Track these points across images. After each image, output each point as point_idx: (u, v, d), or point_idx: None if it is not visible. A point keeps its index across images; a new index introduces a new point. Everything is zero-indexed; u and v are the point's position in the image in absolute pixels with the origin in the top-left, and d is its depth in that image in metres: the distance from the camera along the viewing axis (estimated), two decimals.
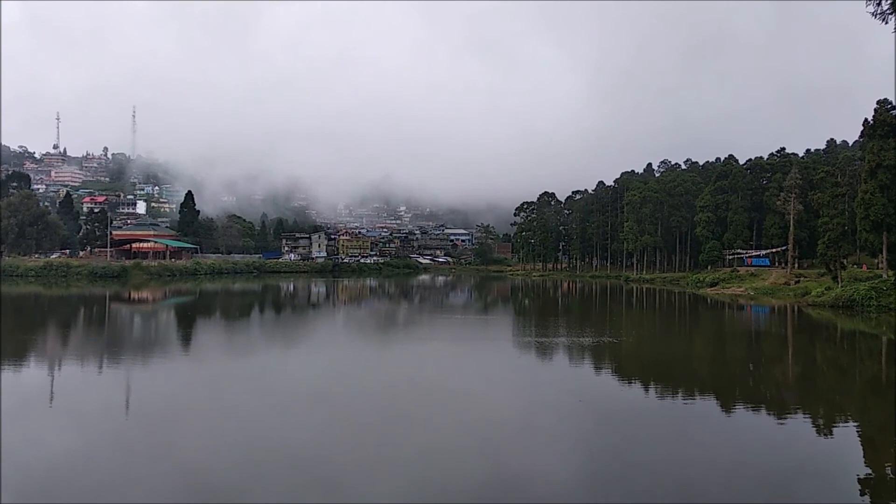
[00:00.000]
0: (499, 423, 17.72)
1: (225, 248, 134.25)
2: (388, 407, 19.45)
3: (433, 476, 13.47)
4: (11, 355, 28.96)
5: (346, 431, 16.70)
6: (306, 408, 19.44)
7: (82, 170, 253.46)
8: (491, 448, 15.43)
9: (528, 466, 14.10)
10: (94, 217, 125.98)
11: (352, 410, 18.97)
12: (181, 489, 12.60)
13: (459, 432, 16.72)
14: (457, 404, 20.01)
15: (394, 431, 16.71)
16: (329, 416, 18.30)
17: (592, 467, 14.25)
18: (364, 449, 15.19)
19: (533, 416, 18.61)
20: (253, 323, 45.91)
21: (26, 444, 15.27)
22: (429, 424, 17.55)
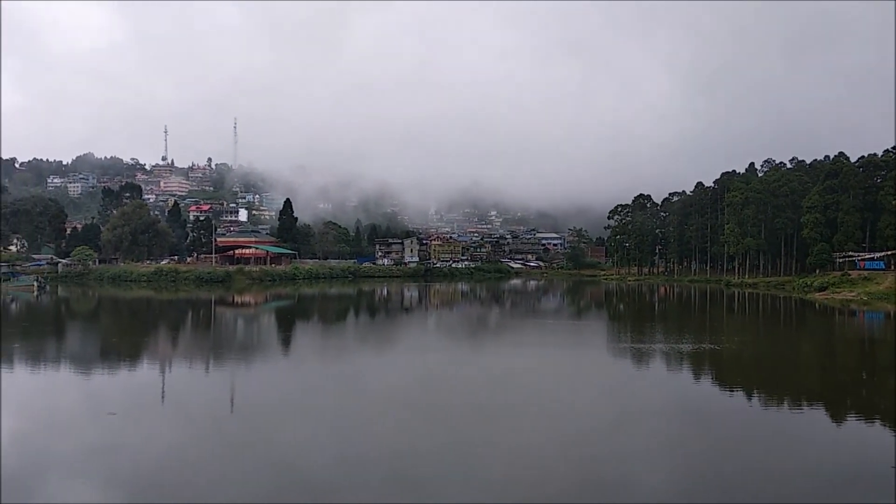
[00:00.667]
0: (592, 429, 17.35)
1: (322, 254, 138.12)
2: (479, 410, 19.41)
3: (524, 477, 13.33)
4: (127, 356, 30.84)
5: (437, 433, 16.79)
6: (399, 409, 19.67)
7: (188, 180, 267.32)
8: (583, 452, 15.13)
9: (621, 471, 13.73)
10: (200, 225, 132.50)
11: (443, 412, 19.06)
12: (278, 484, 13.05)
13: (551, 436, 16.49)
14: (549, 409, 19.74)
15: (484, 434, 16.67)
16: (421, 418, 18.45)
17: (688, 475, 13.72)
18: (455, 450, 15.23)
19: (627, 423, 18.11)
20: (349, 326, 46.98)
21: (140, 440, 16.21)
22: (520, 428, 17.38)
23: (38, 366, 27.44)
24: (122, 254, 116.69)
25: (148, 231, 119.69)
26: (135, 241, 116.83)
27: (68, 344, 35.72)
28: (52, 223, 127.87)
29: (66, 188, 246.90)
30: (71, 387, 23.18)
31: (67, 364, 28.34)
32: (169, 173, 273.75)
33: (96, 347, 35.22)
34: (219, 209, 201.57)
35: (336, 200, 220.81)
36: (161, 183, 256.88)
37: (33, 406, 20.04)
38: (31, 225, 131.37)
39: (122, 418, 18.23)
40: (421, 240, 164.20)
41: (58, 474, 13.66)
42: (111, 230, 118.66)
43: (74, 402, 20.50)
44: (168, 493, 12.56)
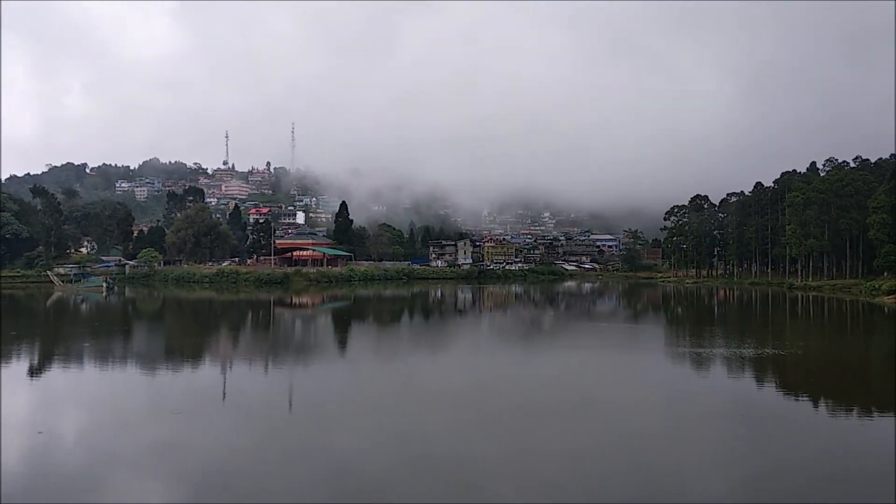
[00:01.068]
0: (650, 434, 17.08)
1: (376, 256, 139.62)
2: (535, 413, 19.35)
3: (582, 481, 13.25)
4: (190, 356, 31.85)
5: (492, 434, 16.82)
6: (454, 411, 19.77)
7: (248, 183, 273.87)
8: (641, 457, 14.91)
9: (679, 477, 13.50)
10: (259, 227, 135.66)
11: (498, 414, 19.06)
12: (334, 484, 13.30)
13: (608, 440, 16.33)
14: (605, 412, 19.55)
15: (541, 436, 16.62)
16: (476, 420, 18.49)
17: (747, 483, 13.36)
18: (511, 452, 15.24)
19: (686, 428, 17.78)
20: (404, 327, 47.39)
21: (202, 439, 16.74)
22: (577, 431, 17.26)
23: (106, 364, 28.59)
24: (186, 256, 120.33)
25: (210, 234, 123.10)
26: (198, 243, 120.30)
27: (134, 343, 37.07)
28: (120, 226, 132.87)
29: (133, 192, 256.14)
30: (137, 385, 24.07)
31: (134, 363, 29.42)
32: (230, 177, 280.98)
33: (161, 347, 36.46)
34: (277, 212, 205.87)
35: (389, 202, 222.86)
36: (222, 186, 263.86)
37: (101, 404, 20.89)
38: (101, 228, 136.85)
39: (186, 417, 18.85)
40: (474, 242, 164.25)
41: (124, 471, 14.23)
42: (175, 233, 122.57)
43: (140, 401, 21.28)
44: (228, 491, 12.94)
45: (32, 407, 20.41)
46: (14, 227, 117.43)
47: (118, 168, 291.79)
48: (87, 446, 15.87)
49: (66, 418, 18.89)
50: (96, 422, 18.37)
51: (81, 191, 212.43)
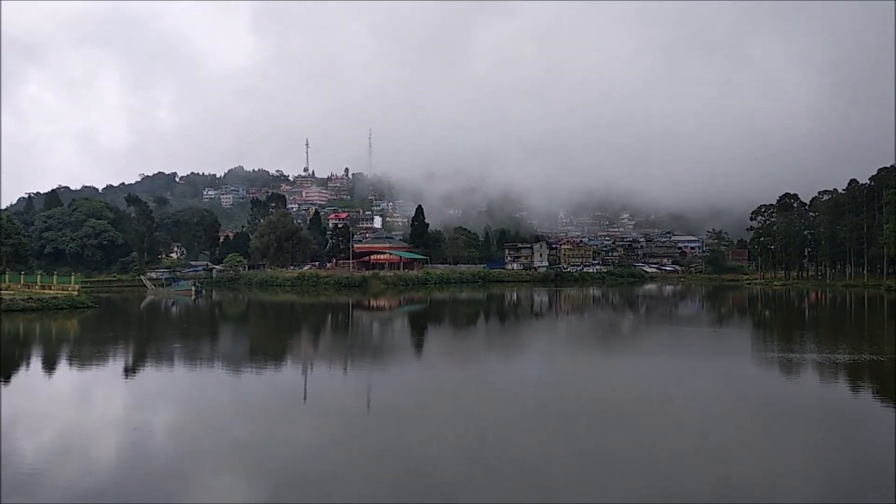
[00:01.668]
0: (729, 442, 16.46)
1: (452, 259, 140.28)
2: (612, 417, 18.99)
3: (660, 487, 12.88)
4: (273, 357, 32.84)
5: (568, 438, 16.59)
6: (526, 413, 19.62)
7: (327, 189, 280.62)
8: (718, 466, 14.38)
9: (762, 487, 12.92)
10: (338, 232, 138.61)
11: (571, 418, 18.81)
12: (407, 482, 13.50)
13: (686, 446, 15.83)
14: (683, 418, 18.95)
15: (617, 441, 16.28)
16: (552, 423, 18.30)
17: (834, 493, 12.67)
18: (586, 455, 15.01)
19: (772, 436, 17.00)
20: (479, 330, 47.40)
21: (283, 437, 17.22)
22: (655, 436, 16.79)
23: (194, 365, 29.80)
24: (269, 260, 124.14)
25: (291, 238, 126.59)
26: (280, 248, 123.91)
27: (221, 345, 38.49)
28: (208, 232, 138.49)
29: (219, 199, 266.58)
30: (224, 385, 24.99)
31: (220, 364, 30.55)
32: (310, 183, 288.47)
33: (246, 348, 37.74)
34: (355, 217, 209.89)
35: (464, 205, 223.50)
36: (303, 193, 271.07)
37: (190, 402, 21.78)
38: (190, 234, 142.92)
39: (268, 416, 19.45)
40: (550, 244, 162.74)
41: (209, 468, 14.78)
42: (259, 238, 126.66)
43: (226, 400, 22.08)
44: (307, 489, 13.26)
45: (128, 404, 21.47)
46: (110, 234, 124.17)
47: (205, 176, 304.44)
48: (177, 443, 16.57)
49: (158, 416, 19.79)
50: (185, 420, 19.17)
51: (171, 199, 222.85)
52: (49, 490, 12.85)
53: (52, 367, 29.05)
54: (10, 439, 16.87)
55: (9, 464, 14.53)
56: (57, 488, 13.02)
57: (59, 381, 26.25)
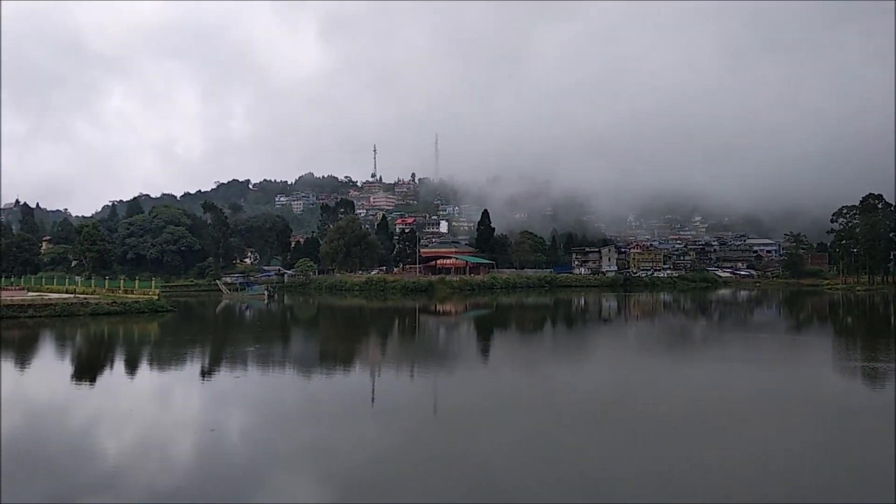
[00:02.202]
0: (804, 454, 15.81)
1: (518, 263, 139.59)
2: (674, 425, 18.54)
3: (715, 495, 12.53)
4: (342, 360, 33.44)
5: (632, 446, 16.30)
6: (591, 420, 19.37)
7: (394, 194, 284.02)
8: (795, 479, 13.83)
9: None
10: (405, 237, 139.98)
11: (636, 425, 18.46)
12: (470, 486, 13.57)
13: (759, 459, 15.28)
14: (754, 429, 18.30)
15: (682, 452, 15.91)
16: (616, 431, 18.00)
17: None
18: (649, 465, 14.69)
19: (850, 450, 16.24)
20: (546, 335, 47.03)
21: (352, 439, 17.52)
22: (723, 449, 16.30)
23: (267, 367, 30.66)
24: (338, 265, 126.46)
25: (360, 244, 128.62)
26: (348, 253, 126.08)
27: (292, 348, 39.45)
28: (279, 238, 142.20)
29: (290, 206, 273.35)
30: (295, 388, 25.62)
31: (292, 367, 31.33)
32: (377, 189, 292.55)
33: (316, 352, 38.56)
34: (421, 221, 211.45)
35: (528, 209, 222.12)
36: (371, 198, 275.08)
37: (263, 404, 22.42)
38: (262, 240, 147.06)
39: (337, 419, 19.83)
40: (619, 248, 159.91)
41: (280, 468, 15.18)
42: (328, 243, 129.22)
43: (297, 402, 22.63)
44: (373, 490, 13.48)
45: (204, 406, 22.28)
46: (188, 240, 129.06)
47: (277, 183, 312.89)
48: (250, 444, 17.09)
49: (232, 417, 20.46)
50: (258, 421, 19.74)
51: (245, 205, 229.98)
52: (129, 488, 13.47)
53: (133, 369, 30.40)
54: (94, 438, 17.78)
55: (93, 462, 15.32)
56: (136, 486, 13.63)
57: (140, 383, 27.45)
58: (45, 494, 13.08)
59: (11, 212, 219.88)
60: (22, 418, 20.29)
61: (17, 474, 14.34)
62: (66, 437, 17.75)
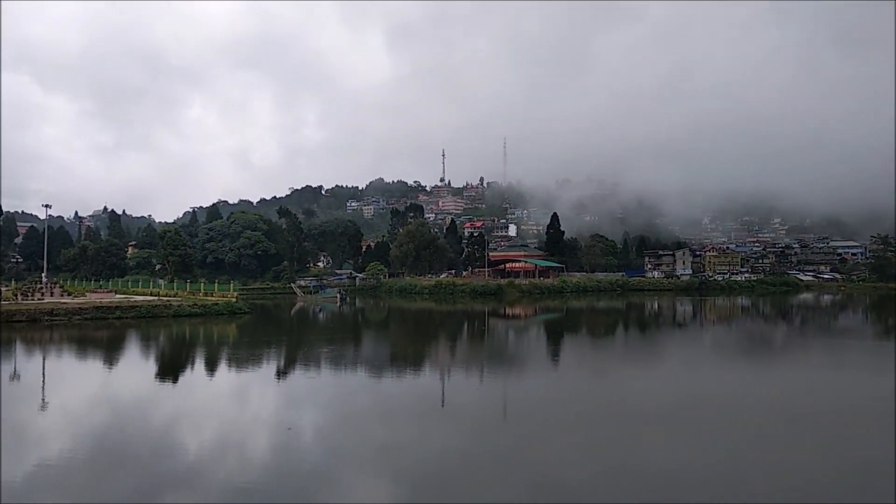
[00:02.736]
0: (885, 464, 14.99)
1: (588, 266, 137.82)
2: (747, 433, 17.90)
3: None
4: (413, 362, 33.76)
5: (701, 453, 15.85)
6: (662, 424, 18.92)
7: (463, 198, 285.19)
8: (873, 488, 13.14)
9: None
10: (474, 240, 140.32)
11: (708, 433, 17.92)
12: (536, 490, 13.49)
13: (828, 468, 14.60)
14: (835, 437, 17.47)
15: (747, 458, 15.30)
16: (685, 436, 17.53)
17: None
18: (716, 471, 14.23)
19: None
20: (617, 340, 46.23)
21: (422, 441, 17.69)
22: (792, 455, 15.65)
23: (339, 369, 31.25)
24: (408, 268, 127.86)
25: (429, 247, 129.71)
26: (418, 256, 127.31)
27: (364, 350, 40.08)
28: (351, 242, 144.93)
29: (361, 210, 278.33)
30: (366, 389, 26.02)
31: (363, 368, 31.84)
32: (446, 193, 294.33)
33: (387, 354, 39.07)
34: (490, 225, 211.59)
35: (597, 212, 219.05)
36: (439, 202, 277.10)
37: (335, 405, 22.87)
38: (335, 244, 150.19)
39: (407, 419, 20.05)
40: (693, 251, 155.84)
41: (352, 468, 15.45)
42: (398, 247, 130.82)
43: (368, 403, 22.98)
44: (442, 492, 13.56)
45: (280, 405, 22.90)
46: (264, 245, 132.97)
47: (348, 189, 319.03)
48: (324, 443, 17.47)
49: (307, 416, 20.96)
50: (331, 421, 20.16)
51: (318, 210, 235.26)
52: (207, 484, 13.99)
53: (213, 369, 31.53)
54: (175, 435, 18.53)
55: (174, 458, 15.99)
56: (215, 482, 14.15)
57: (219, 382, 28.45)
58: (130, 488, 13.72)
59: (100, 218, 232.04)
60: (110, 415, 21.36)
61: (105, 468, 15.12)
62: (150, 434, 18.57)
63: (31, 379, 28.20)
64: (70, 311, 52.68)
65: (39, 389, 25.93)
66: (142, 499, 13.15)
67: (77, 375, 29.80)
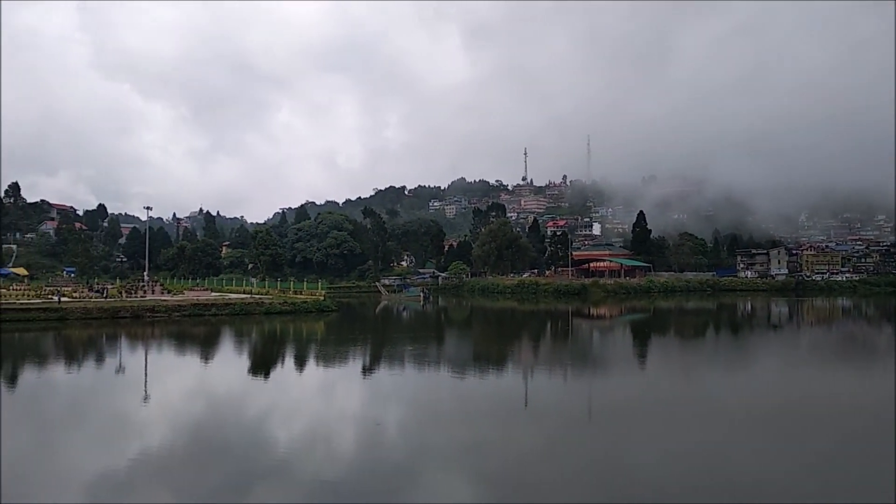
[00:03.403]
0: None
1: (677, 266, 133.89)
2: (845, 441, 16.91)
3: None
4: (495, 362, 33.72)
5: (789, 459, 15.11)
6: (750, 428, 18.13)
7: (545, 197, 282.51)
8: None
9: None
10: (557, 240, 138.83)
11: (799, 436, 17.08)
12: (618, 492, 13.25)
13: None
14: None
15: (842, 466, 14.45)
16: (774, 441, 16.73)
17: None
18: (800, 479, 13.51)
19: None
20: (707, 341, 44.69)
21: (504, 440, 17.63)
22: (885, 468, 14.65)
23: (423, 367, 31.56)
24: (490, 267, 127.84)
25: (511, 246, 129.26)
26: (500, 256, 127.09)
27: (447, 349, 40.33)
28: (434, 241, 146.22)
29: (443, 210, 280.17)
30: (449, 387, 26.16)
31: (447, 366, 32.03)
32: (528, 192, 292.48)
33: (469, 353, 39.18)
34: (574, 224, 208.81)
35: (682, 210, 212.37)
36: (521, 201, 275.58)
37: (420, 402, 23.11)
38: (417, 243, 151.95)
39: (490, 418, 20.02)
40: (789, 250, 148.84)
41: (436, 465, 15.57)
42: (480, 246, 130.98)
43: (452, 402, 23.10)
44: (521, 492, 13.48)
45: (367, 402, 23.35)
46: (350, 244, 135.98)
47: (430, 189, 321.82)
48: (409, 441, 17.68)
49: (391, 413, 21.28)
50: (415, 419, 20.39)
51: (401, 210, 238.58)
52: (297, 478, 14.41)
53: (302, 365, 32.48)
54: (267, 429, 19.18)
55: (265, 449, 16.55)
56: (304, 474, 14.56)
57: (308, 377, 29.28)
58: (223, 479, 14.29)
59: (196, 219, 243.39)
60: (206, 408, 22.35)
61: (201, 459, 15.82)
62: (243, 427, 19.30)
63: (135, 373, 29.87)
64: (170, 308, 55.47)
65: (142, 383, 27.43)
66: (236, 490, 13.68)
67: (176, 370, 31.35)
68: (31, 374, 28.81)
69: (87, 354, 36.30)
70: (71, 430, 19.00)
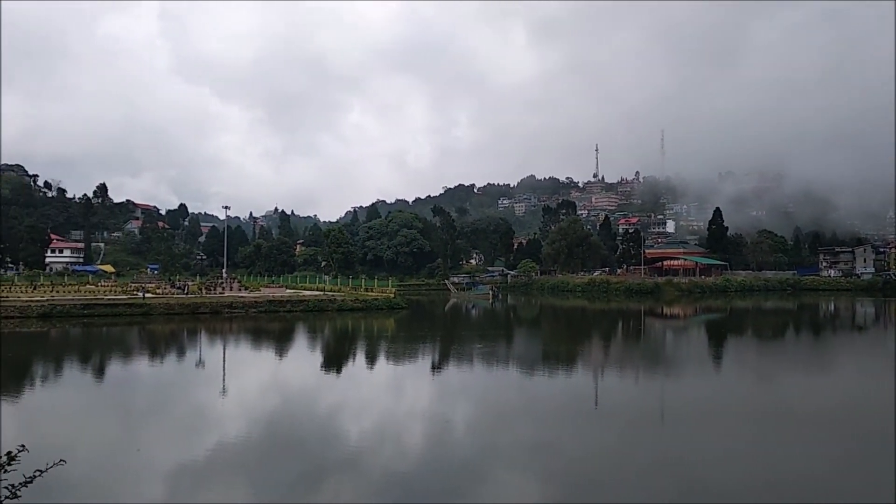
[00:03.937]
0: None
1: (755, 265, 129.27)
2: None
3: None
4: (565, 361, 33.45)
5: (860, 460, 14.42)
6: (828, 435, 17.36)
7: (617, 194, 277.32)
8: None
9: None
10: (629, 237, 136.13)
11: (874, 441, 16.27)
12: (685, 495, 12.98)
13: None
14: None
15: None
16: (848, 446, 15.96)
17: None
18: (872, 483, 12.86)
19: None
20: (786, 343, 43.05)
21: (572, 440, 17.51)
22: None
23: (491, 365, 31.60)
24: (560, 266, 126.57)
25: (581, 245, 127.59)
26: (570, 254, 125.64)
27: (516, 347, 40.25)
28: (503, 239, 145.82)
29: (512, 208, 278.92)
30: (518, 386, 26.14)
31: (515, 365, 31.99)
32: (599, 189, 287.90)
33: (539, 352, 38.98)
34: (647, 221, 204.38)
35: (760, 206, 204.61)
36: (592, 199, 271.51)
37: (486, 400, 23.18)
38: (487, 241, 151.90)
39: (559, 418, 19.91)
40: (876, 248, 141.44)
41: (501, 464, 15.60)
42: (550, 244, 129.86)
43: (519, 400, 23.08)
44: (588, 492, 13.38)
45: (435, 398, 23.59)
46: (419, 242, 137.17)
47: (499, 186, 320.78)
48: (477, 438, 17.79)
49: (459, 410, 21.44)
50: (483, 417, 20.47)
51: (470, 209, 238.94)
52: (366, 471, 14.72)
53: (373, 361, 33.06)
54: (338, 423, 19.64)
55: (337, 443, 16.96)
56: (374, 468, 14.85)
57: (378, 373, 29.79)
58: (296, 472, 14.73)
59: (271, 218, 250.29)
60: (281, 402, 23.06)
61: (275, 451, 16.35)
62: (316, 420, 19.82)
63: (214, 366, 31.06)
64: (247, 305, 57.34)
65: (220, 377, 28.51)
66: (308, 481, 14.09)
67: (252, 364, 32.42)
68: (117, 367, 30.39)
69: (169, 349, 37.96)
70: (153, 421, 19.95)
